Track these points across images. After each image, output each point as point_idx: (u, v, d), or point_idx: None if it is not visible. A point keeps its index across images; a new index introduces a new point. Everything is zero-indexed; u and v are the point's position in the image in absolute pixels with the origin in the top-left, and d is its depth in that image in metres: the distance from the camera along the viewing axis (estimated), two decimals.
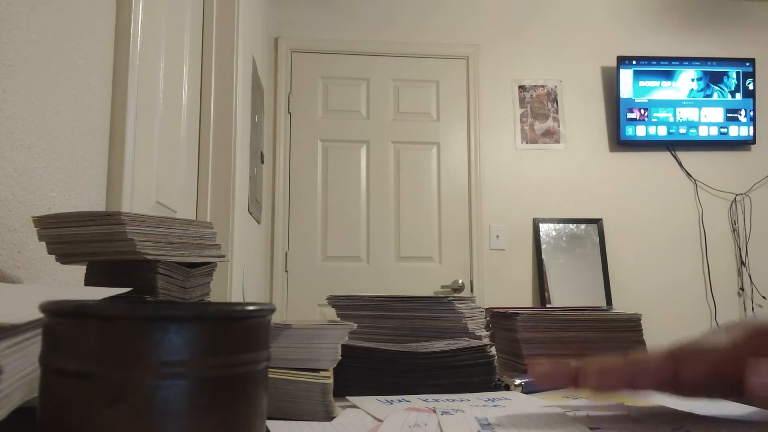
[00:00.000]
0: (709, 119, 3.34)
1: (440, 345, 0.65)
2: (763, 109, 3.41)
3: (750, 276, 3.29)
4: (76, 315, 0.26)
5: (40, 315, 0.28)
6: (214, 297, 0.74)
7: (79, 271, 0.61)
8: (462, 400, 0.55)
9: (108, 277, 0.58)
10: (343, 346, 0.51)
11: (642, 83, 3.32)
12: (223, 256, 0.66)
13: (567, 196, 3.28)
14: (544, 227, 3.23)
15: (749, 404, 0.44)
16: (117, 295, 0.48)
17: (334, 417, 0.47)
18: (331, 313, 0.82)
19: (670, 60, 3.35)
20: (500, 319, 0.84)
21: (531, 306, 3.06)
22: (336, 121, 3.22)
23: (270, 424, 0.44)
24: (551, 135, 3.34)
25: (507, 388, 0.62)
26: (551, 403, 0.54)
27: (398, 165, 3.23)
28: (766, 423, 0.44)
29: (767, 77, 3.44)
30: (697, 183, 3.35)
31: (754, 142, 3.36)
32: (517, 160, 3.30)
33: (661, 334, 3.16)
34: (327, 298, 0.81)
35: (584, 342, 0.79)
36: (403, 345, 0.67)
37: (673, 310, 3.18)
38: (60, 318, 0.27)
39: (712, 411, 0.46)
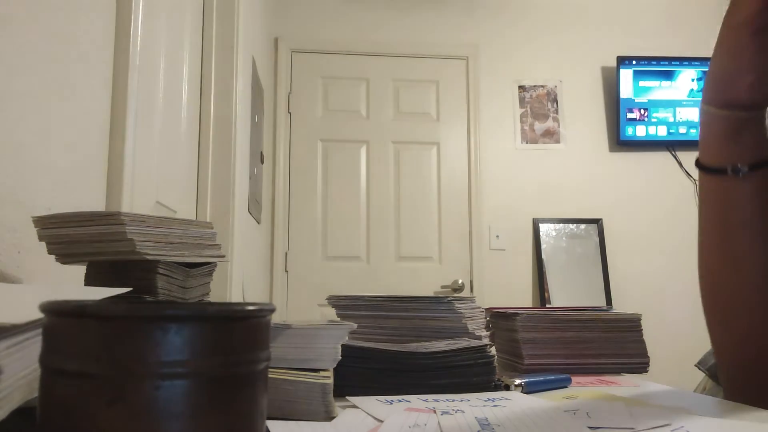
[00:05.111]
0: None
1: (440, 345, 0.65)
2: None
3: None
4: (76, 315, 0.26)
5: (40, 315, 0.28)
6: (214, 297, 0.74)
7: (79, 271, 0.61)
8: (462, 400, 0.55)
9: (108, 277, 0.58)
10: (343, 346, 0.51)
11: (642, 83, 3.32)
12: (223, 256, 0.66)
13: (567, 196, 3.28)
14: (544, 227, 3.23)
15: None
16: (117, 295, 0.48)
17: (334, 417, 0.47)
18: (331, 313, 0.82)
19: (670, 60, 3.35)
20: (500, 319, 0.84)
21: (531, 306, 3.05)
22: (336, 121, 3.22)
23: (270, 424, 0.44)
24: (551, 135, 3.34)
25: (507, 388, 0.62)
26: (551, 403, 0.54)
27: (398, 165, 3.23)
28: (764, 424, 0.44)
29: None
30: (697, 183, 3.35)
31: None
32: (517, 160, 3.30)
33: (661, 334, 3.11)
34: (327, 298, 0.81)
35: (584, 342, 0.79)
36: (403, 345, 0.67)
37: (673, 310, 3.18)
38: (60, 318, 0.27)
39: (711, 412, 0.46)
